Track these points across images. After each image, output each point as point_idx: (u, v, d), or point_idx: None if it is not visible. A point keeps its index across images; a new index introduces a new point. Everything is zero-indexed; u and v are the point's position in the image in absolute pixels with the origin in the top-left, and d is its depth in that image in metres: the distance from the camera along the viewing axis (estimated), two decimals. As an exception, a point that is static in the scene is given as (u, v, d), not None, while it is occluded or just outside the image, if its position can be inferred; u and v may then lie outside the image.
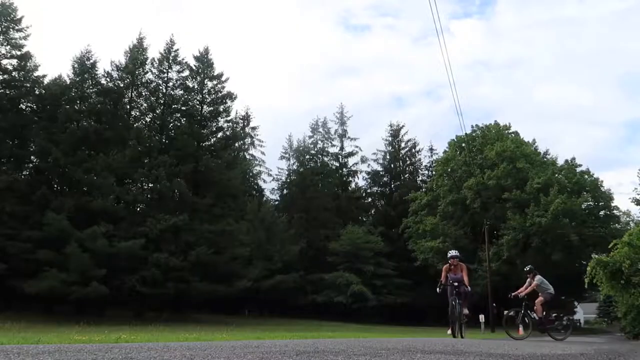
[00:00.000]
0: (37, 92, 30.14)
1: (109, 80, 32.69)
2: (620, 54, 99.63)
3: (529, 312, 11.74)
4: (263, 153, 50.14)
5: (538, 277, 12.02)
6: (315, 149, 52.14)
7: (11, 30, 29.11)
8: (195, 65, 34.35)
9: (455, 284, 9.98)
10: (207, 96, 34.75)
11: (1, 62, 29.00)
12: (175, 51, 34.01)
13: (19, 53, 29.20)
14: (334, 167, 53.10)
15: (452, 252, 10.77)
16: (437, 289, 10.40)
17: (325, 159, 52.84)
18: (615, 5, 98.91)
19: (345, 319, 34.78)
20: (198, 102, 34.67)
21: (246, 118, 49.53)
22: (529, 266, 12.67)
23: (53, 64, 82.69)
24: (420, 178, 54.85)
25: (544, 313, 11.76)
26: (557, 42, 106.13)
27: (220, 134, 35.85)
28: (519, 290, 11.94)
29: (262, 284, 34.96)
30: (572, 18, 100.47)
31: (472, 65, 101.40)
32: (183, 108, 34.02)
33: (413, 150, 54.50)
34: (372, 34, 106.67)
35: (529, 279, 12.17)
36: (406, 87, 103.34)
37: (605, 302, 51.73)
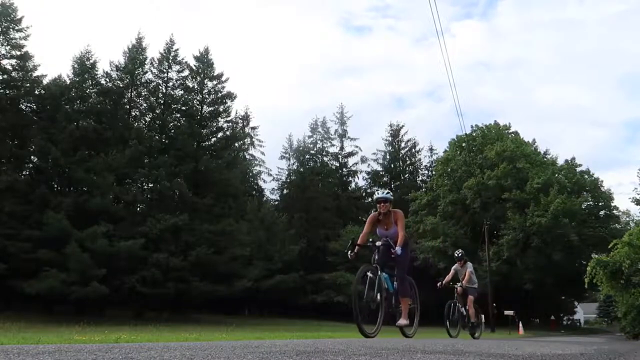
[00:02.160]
0: (37, 92, 30.13)
1: (108, 80, 32.70)
2: (621, 55, 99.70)
3: (459, 306, 10.12)
4: (263, 153, 50.14)
5: (470, 264, 10.68)
6: (315, 149, 52.15)
7: (11, 30, 29.09)
8: (195, 65, 34.36)
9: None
10: (207, 96, 34.75)
11: (1, 62, 29.01)
12: (175, 51, 34.04)
13: (19, 53, 29.17)
14: (333, 167, 53.12)
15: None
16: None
17: (325, 159, 52.86)
18: (616, 6, 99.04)
19: (345, 319, 34.75)
20: (198, 102, 34.68)
21: (246, 118, 49.52)
22: (460, 251, 11.11)
23: (53, 64, 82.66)
24: (420, 178, 54.88)
25: (476, 317, 10.33)
26: (557, 42, 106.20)
27: (220, 134, 35.88)
28: (446, 280, 10.47)
29: (262, 284, 34.95)
30: (572, 19, 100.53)
31: (472, 65, 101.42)
32: (183, 108, 34.03)
33: (413, 150, 54.53)
34: (373, 34, 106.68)
35: (457, 266, 10.62)
36: (407, 88, 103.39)
37: (605, 302, 51.82)
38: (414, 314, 6.55)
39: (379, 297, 5.74)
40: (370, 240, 6.20)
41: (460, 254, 10.80)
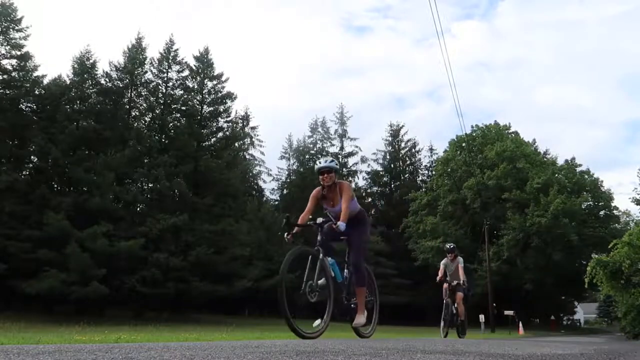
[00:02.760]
0: (37, 92, 30.13)
1: (108, 80, 32.70)
2: (621, 55, 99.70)
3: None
4: (263, 153, 50.14)
5: (461, 259, 9.82)
6: (315, 149, 52.15)
7: (11, 30, 29.09)
8: (195, 65, 34.37)
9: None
10: (207, 96, 34.75)
11: (1, 62, 29.03)
12: (175, 51, 34.05)
13: (19, 53, 29.18)
14: (333, 167, 53.08)
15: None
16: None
17: (325, 159, 52.85)
18: (615, 7, 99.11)
19: (345, 319, 34.76)
20: (198, 102, 34.68)
21: (246, 118, 49.52)
22: (451, 244, 10.26)
23: (53, 64, 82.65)
24: (420, 178, 54.92)
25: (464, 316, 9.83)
26: (557, 43, 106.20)
27: (220, 134, 35.88)
28: (439, 276, 9.77)
29: (262, 284, 34.90)
30: (572, 19, 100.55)
31: (473, 66, 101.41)
32: (183, 108, 34.03)
33: (413, 150, 54.57)
34: (374, 35, 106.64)
35: (447, 260, 9.94)
36: (407, 88, 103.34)
37: (605, 302, 51.83)
38: (372, 310, 5.57)
39: (321, 283, 4.68)
40: (310, 217, 5.07)
41: (451, 247, 10.04)
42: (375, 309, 5.71)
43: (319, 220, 4.96)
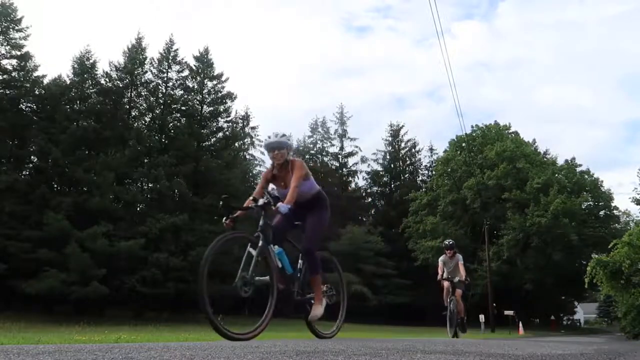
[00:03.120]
0: (37, 92, 30.16)
1: (108, 80, 32.72)
2: (621, 55, 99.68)
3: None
4: (263, 153, 50.03)
5: (460, 256, 9.62)
6: (315, 149, 52.16)
7: (11, 30, 29.13)
8: (195, 65, 34.39)
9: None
10: (207, 96, 34.77)
11: (1, 62, 29.05)
12: (175, 51, 34.09)
13: (19, 53, 29.22)
14: (333, 167, 53.10)
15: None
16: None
17: (325, 159, 52.85)
18: (616, 7, 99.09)
19: (345, 319, 34.77)
20: (198, 102, 34.70)
21: (246, 118, 49.43)
22: (450, 240, 10.14)
23: (53, 64, 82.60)
24: (420, 178, 54.91)
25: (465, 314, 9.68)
26: (557, 43, 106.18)
27: (220, 134, 35.89)
28: (440, 274, 9.52)
29: (262, 284, 34.97)
30: (572, 20, 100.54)
31: (473, 66, 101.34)
32: (183, 108, 34.06)
33: (413, 150, 54.57)
34: (374, 35, 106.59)
35: (445, 257, 9.70)
36: (407, 88, 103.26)
37: (605, 302, 51.85)
38: (335, 307, 4.94)
39: (259, 276, 4.06)
40: (252, 198, 4.31)
41: (449, 243, 9.78)
42: (342, 307, 5.11)
43: (261, 201, 4.13)
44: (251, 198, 4.31)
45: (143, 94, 34.38)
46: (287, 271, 4.38)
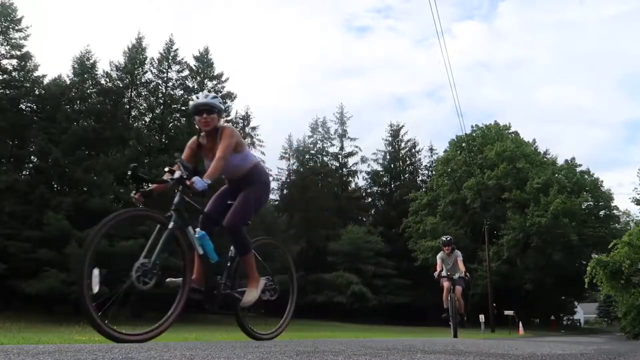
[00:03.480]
0: (37, 92, 30.17)
1: (108, 80, 32.73)
2: (620, 55, 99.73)
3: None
4: (263, 153, 49.92)
5: (459, 252, 9.34)
6: (315, 149, 52.16)
7: (11, 30, 29.14)
8: (195, 65, 34.43)
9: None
10: (207, 96, 34.77)
11: (1, 62, 29.05)
12: (175, 51, 34.12)
13: (19, 53, 29.22)
14: (333, 167, 53.11)
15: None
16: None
17: (325, 159, 52.85)
18: (615, 8, 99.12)
19: (345, 319, 34.76)
20: (198, 102, 34.70)
21: (246, 118, 49.46)
22: (448, 236, 9.67)
23: (53, 64, 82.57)
24: (420, 178, 54.91)
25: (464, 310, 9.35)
26: (557, 43, 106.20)
27: (220, 134, 35.88)
28: (438, 271, 9.12)
29: (262, 284, 34.93)
30: (572, 20, 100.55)
31: (473, 66, 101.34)
32: (183, 108, 34.05)
33: (413, 150, 54.58)
34: (374, 35, 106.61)
35: (443, 254, 9.32)
36: (407, 88, 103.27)
37: (605, 302, 51.87)
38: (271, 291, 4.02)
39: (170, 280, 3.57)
40: (168, 170, 3.61)
41: (447, 239, 9.40)
42: (290, 302, 4.35)
43: (177, 173, 3.51)
44: (167, 170, 3.63)
45: (143, 94, 34.41)
46: (211, 259, 3.63)
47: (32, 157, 30.73)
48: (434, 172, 50.06)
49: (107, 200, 28.32)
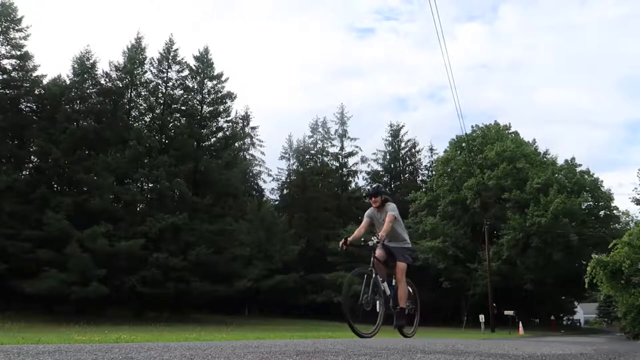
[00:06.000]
0: (36, 92, 30.13)
1: (108, 80, 32.69)
2: (620, 57, 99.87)
3: (380, 280, 5.49)
4: (263, 153, 50.14)
5: (394, 206, 5.95)
6: (315, 149, 52.15)
7: (11, 30, 29.09)
8: (195, 65, 34.36)
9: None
10: (207, 96, 34.75)
11: (1, 62, 29.02)
12: (175, 51, 34.04)
13: (18, 53, 29.18)
14: (334, 167, 53.11)
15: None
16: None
17: (325, 159, 52.84)
18: (615, 10, 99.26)
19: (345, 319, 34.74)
20: (198, 102, 34.68)
21: (246, 118, 49.53)
22: (376, 185, 6.35)
23: (53, 64, 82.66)
24: (420, 178, 54.90)
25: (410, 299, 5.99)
26: (558, 45, 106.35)
27: (220, 134, 35.88)
28: (355, 235, 5.94)
29: (262, 284, 34.94)
30: (573, 22, 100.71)
31: (474, 67, 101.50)
32: (183, 108, 34.05)
33: (413, 150, 54.55)
34: (376, 36, 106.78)
35: (373, 211, 6.03)
36: (408, 89, 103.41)
37: (605, 302, 51.85)
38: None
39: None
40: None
41: (374, 187, 6.08)
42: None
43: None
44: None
45: (143, 94, 34.34)
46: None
47: (32, 157, 30.70)
48: (434, 172, 50.04)
49: (107, 200, 28.31)
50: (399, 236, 6.12)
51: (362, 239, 5.83)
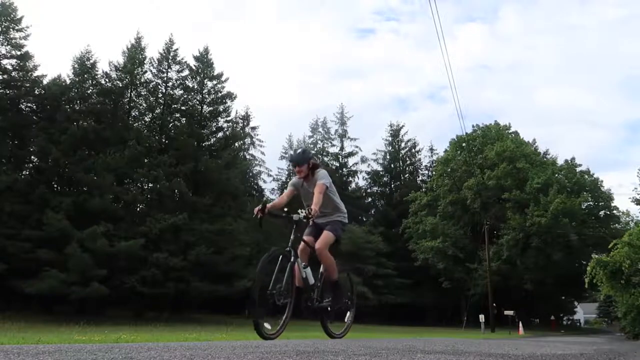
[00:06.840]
0: (37, 92, 30.12)
1: (108, 80, 32.68)
2: (620, 58, 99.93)
3: (302, 266, 4.72)
4: (263, 153, 50.07)
5: (325, 173, 4.88)
6: (316, 149, 52.15)
7: (11, 30, 29.09)
8: (195, 65, 34.36)
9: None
10: (207, 96, 34.75)
11: (1, 62, 29.01)
12: (175, 51, 34.05)
13: (19, 53, 29.18)
14: (334, 167, 53.10)
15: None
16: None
17: (325, 159, 52.83)
18: (616, 11, 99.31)
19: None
20: (198, 102, 34.68)
21: (246, 118, 49.46)
22: (301, 148, 5.35)
23: (53, 64, 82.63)
24: (420, 178, 54.92)
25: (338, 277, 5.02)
26: (558, 46, 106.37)
27: (220, 134, 35.88)
28: (275, 202, 5.02)
29: (262, 284, 34.90)
30: (573, 23, 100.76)
31: (474, 68, 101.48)
32: (183, 108, 34.03)
33: (413, 150, 54.58)
34: (376, 37, 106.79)
35: (298, 179, 5.00)
36: (409, 90, 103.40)
37: (605, 302, 51.86)
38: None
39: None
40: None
41: (300, 153, 5.07)
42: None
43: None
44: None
45: (143, 94, 34.34)
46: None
47: (32, 157, 30.69)
48: (434, 172, 50.04)
49: (107, 200, 28.30)
50: (335, 208, 4.96)
51: (285, 209, 4.49)
